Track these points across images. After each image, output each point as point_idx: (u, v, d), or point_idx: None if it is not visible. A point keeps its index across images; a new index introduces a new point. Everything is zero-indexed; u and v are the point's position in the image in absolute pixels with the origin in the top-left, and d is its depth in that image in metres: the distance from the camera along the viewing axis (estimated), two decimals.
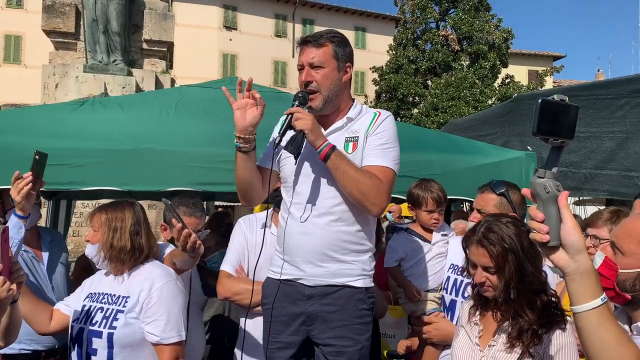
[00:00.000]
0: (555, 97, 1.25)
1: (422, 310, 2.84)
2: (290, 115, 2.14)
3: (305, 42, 2.29)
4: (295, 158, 2.21)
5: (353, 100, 2.38)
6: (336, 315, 2.18)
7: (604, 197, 5.05)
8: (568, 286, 1.26)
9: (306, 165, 2.25)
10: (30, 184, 2.45)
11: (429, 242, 2.98)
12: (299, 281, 2.23)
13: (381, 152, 2.19)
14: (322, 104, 2.24)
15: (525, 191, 1.31)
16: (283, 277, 2.28)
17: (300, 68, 2.28)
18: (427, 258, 2.93)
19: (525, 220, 2.49)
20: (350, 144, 2.23)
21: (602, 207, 4.69)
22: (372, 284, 2.30)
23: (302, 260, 2.22)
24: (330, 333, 2.18)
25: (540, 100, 1.23)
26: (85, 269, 3.66)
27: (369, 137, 2.22)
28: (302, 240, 2.21)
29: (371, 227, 2.31)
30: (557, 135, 1.24)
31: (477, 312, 2.03)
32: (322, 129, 2.27)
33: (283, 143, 2.20)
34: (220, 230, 4.45)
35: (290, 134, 2.16)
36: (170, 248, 2.67)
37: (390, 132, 2.25)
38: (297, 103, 2.20)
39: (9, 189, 2.60)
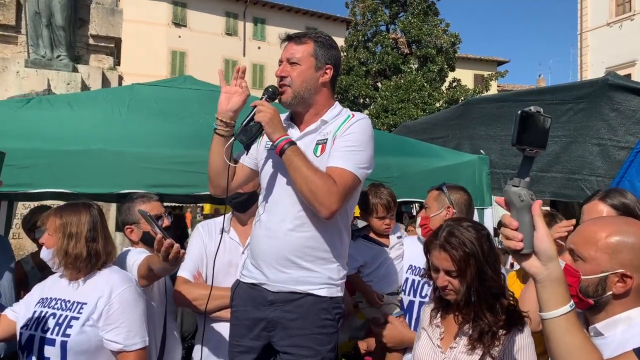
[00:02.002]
0: (532, 109, 1.28)
1: (384, 314, 2.86)
2: (255, 108, 2.14)
3: (288, 38, 2.29)
4: (246, 148, 2.24)
5: (335, 102, 2.33)
6: (297, 323, 2.12)
7: (549, 199, 5.25)
8: (539, 293, 1.29)
9: (277, 167, 2.21)
10: None
11: (387, 246, 3.02)
12: (262, 286, 2.19)
13: (344, 154, 2.11)
14: (291, 99, 2.21)
15: (499, 200, 1.34)
16: (249, 281, 2.24)
17: (280, 63, 2.27)
18: (386, 262, 2.97)
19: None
20: (320, 147, 2.18)
21: (547, 208, 4.87)
22: (340, 294, 2.21)
23: (265, 265, 2.18)
24: (289, 341, 2.13)
25: (519, 112, 1.26)
26: (22, 281, 3.50)
27: (337, 139, 2.16)
28: (267, 244, 2.18)
29: (342, 235, 2.23)
30: (533, 145, 1.28)
31: (439, 315, 2.06)
32: (296, 129, 2.27)
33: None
34: (175, 233, 4.34)
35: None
36: (141, 254, 2.57)
37: (360, 135, 2.16)
38: (265, 97, 2.20)
39: None
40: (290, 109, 2.30)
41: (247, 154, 2.32)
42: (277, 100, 2.27)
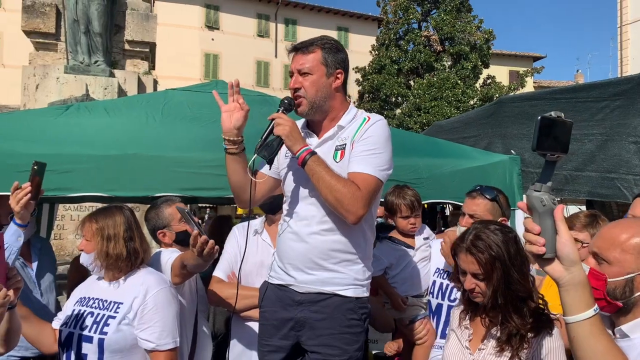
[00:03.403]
0: (553, 114, 1.29)
1: (408, 316, 2.88)
2: (272, 121, 2.16)
3: (294, 49, 2.30)
4: (268, 163, 2.24)
5: (349, 105, 2.35)
6: (324, 323, 2.17)
7: (585, 198, 5.14)
8: (562, 297, 1.30)
9: (299, 174, 2.25)
10: (30, 194, 2.45)
11: (412, 247, 3.03)
12: (290, 287, 2.24)
13: (364, 159, 2.15)
14: (308, 109, 2.25)
15: (521, 204, 1.34)
16: (276, 282, 2.30)
17: (291, 75, 2.29)
18: (412, 264, 2.98)
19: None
20: (339, 153, 2.21)
21: (582, 207, 4.77)
22: (366, 294, 2.26)
23: (292, 267, 2.23)
24: (317, 340, 2.18)
25: (539, 118, 1.27)
26: (84, 276, 3.62)
27: (355, 143, 2.19)
28: (293, 247, 2.22)
29: (367, 235, 2.27)
30: (554, 150, 1.29)
31: (467, 317, 2.07)
32: (314, 136, 2.30)
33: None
34: (222, 236, 4.41)
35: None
36: (173, 253, 2.66)
37: (377, 137, 2.19)
38: (281, 109, 2.22)
39: (2, 197, 2.61)
40: (307, 119, 2.33)
41: (270, 168, 2.35)
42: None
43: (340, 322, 2.17)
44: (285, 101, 2.25)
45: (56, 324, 2.45)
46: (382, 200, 3.25)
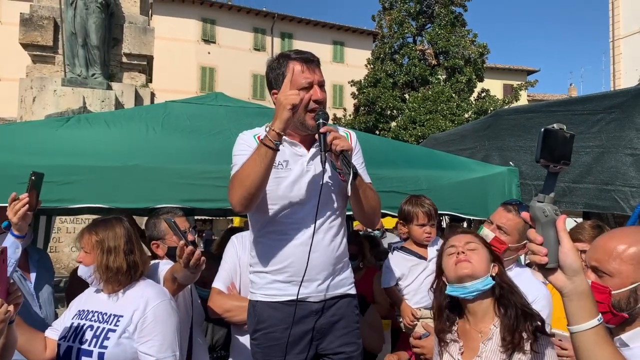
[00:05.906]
0: (556, 126, 1.31)
1: (421, 329, 2.84)
2: (324, 135, 2.08)
3: (312, 60, 2.25)
4: (355, 178, 2.12)
5: None
6: (341, 323, 2.29)
7: (582, 210, 5.16)
8: (566, 307, 1.31)
9: (302, 185, 2.25)
10: (27, 205, 2.43)
11: (425, 258, 3.00)
12: (307, 300, 2.24)
13: (364, 171, 2.36)
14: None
15: (525, 215, 1.36)
16: (284, 299, 2.24)
17: (309, 86, 2.19)
18: (424, 275, 2.96)
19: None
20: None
21: (579, 220, 4.79)
22: None
23: (309, 278, 2.21)
24: (338, 342, 2.27)
25: (542, 130, 1.29)
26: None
27: (352, 155, 2.27)
28: (311, 258, 2.18)
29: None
30: (557, 161, 1.30)
31: (454, 329, 2.07)
32: (299, 146, 2.32)
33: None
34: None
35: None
36: (169, 265, 2.65)
37: (361, 151, 2.43)
38: (321, 121, 2.13)
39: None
40: (312, 132, 2.26)
41: (352, 182, 2.13)
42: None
43: (352, 319, 2.33)
44: (321, 113, 2.16)
45: (50, 333, 2.43)
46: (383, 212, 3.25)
